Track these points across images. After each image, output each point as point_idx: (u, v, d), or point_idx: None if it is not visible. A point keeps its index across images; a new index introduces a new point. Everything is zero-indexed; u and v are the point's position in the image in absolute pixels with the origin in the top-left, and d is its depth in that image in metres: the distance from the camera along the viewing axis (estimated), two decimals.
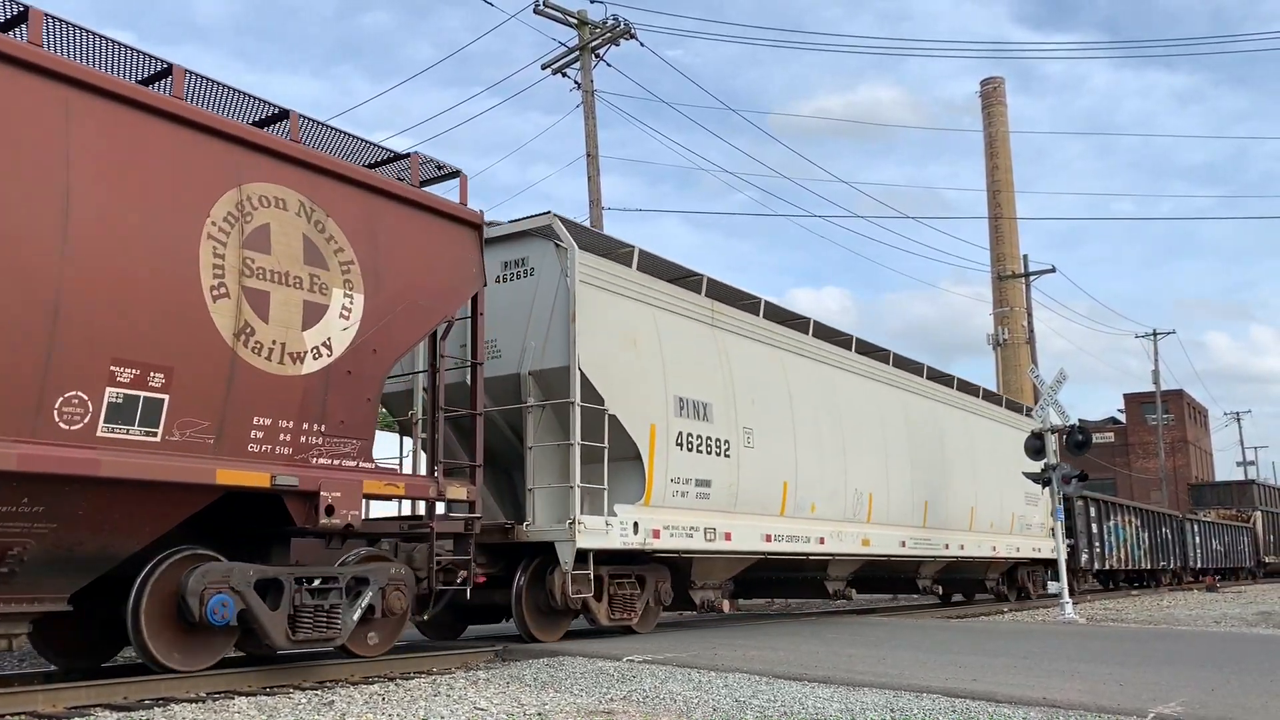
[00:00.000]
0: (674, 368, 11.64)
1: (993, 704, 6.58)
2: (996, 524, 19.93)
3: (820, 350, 15.08)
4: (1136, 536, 32.17)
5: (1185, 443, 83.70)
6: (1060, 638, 11.85)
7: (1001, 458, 20.66)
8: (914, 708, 6.45)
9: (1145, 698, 6.69)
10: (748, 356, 13.18)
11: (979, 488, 19.19)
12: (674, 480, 11.36)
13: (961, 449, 18.86)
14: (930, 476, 17.39)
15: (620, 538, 10.47)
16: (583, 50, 22.84)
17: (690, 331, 12.18)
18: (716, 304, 12.87)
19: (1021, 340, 55.17)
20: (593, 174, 22.24)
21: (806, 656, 9.16)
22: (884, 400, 16.48)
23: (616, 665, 8.48)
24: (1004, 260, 66.01)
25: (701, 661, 8.61)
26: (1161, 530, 34.98)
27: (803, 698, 6.87)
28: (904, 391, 17.30)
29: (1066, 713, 6.22)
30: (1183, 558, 37.89)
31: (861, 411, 15.67)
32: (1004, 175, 70.93)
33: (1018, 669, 8.35)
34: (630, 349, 11.05)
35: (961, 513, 18.46)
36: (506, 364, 10.75)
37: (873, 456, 15.67)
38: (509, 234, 10.96)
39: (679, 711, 6.35)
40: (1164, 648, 10.67)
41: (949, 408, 18.91)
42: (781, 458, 13.39)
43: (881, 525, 15.64)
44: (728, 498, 12.24)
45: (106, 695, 6.83)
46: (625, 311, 11.13)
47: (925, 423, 17.71)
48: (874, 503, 15.44)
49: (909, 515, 16.54)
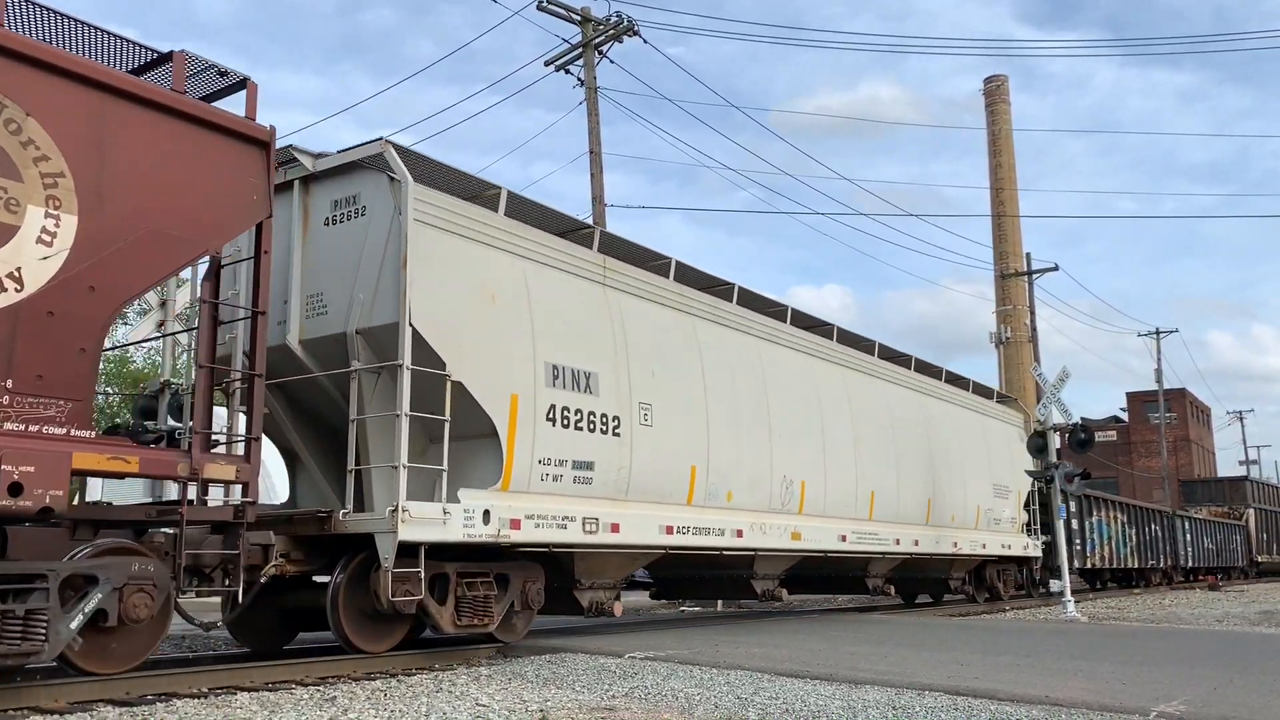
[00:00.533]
0: (548, 330, 9.91)
1: (995, 702, 6.54)
2: (960, 518, 18.14)
3: (746, 320, 13.32)
4: (1123, 534, 30.33)
5: (1188, 442, 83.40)
6: (1062, 636, 11.77)
7: (968, 447, 18.88)
8: (916, 705, 6.42)
9: (1148, 696, 6.66)
10: (649, 322, 11.44)
11: (938, 478, 17.41)
12: (543, 462, 9.63)
13: (918, 435, 17.07)
14: (879, 465, 15.62)
15: (464, 529, 8.74)
16: (586, 47, 22.78)
17: (573, 290, 10.44)
18: (611, 261, 11.12)
19: (1024, 338, 55.17)
20: (595, 171, 22.12)
21: (809, 654, 9.16)
22: (824, 379, 14.71)
23: (619, 662, 8.49)
24: (1007, 258, 65.75)
25: (703, 658, 8.59)
26: (1150, 527, 33.13)
27: (805, 695, 6.85)
28: (850, 370, 15.53)
29: (1069, 711, 6.18)
30: (1174, 556, 36.12)
31: (794, 390, 13.90)
32: (1007, 173, 70.75)
33: (1020, 667, 8.31)
34: (487, 305, 9.32)
35: (916, 505, 16.68)
36: (333, 321, 9.03)
37: (807, 440, 13.91)
38: (339, 166, 9.23)
39: (681, 708, 6.34)
40: (1166, 646, 10.58)
41: (905, 389, 17.12)
42: (689, 439, 11.65)
43: (816, 517, 13.88)
44: (616, 483, 10.51)
45: (109, 691, 6.76)
46: (483, 261, 9.40)
47: (874, 405, 15.93)
48: (807, 492, 13.68)
49: (852, 507, 14.77)
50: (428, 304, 8.68)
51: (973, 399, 19.92)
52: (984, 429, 19.91)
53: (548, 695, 6.88)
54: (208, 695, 6.93)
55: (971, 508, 18.64)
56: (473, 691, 7.02)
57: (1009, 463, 20.67)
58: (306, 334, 9.19)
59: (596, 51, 22.81)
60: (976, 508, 18.86)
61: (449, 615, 9.03)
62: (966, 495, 18.51)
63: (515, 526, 9.20)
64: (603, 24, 22.80)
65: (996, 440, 20.38)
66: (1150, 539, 32.84)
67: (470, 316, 9.11)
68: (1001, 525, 20.04)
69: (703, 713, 6.21)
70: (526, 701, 6.60)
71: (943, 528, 17.47)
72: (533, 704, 6.49)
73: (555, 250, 10.31)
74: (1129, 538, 30.78)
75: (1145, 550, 32.02)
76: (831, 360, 15.10)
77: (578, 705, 6.46)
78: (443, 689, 7.17)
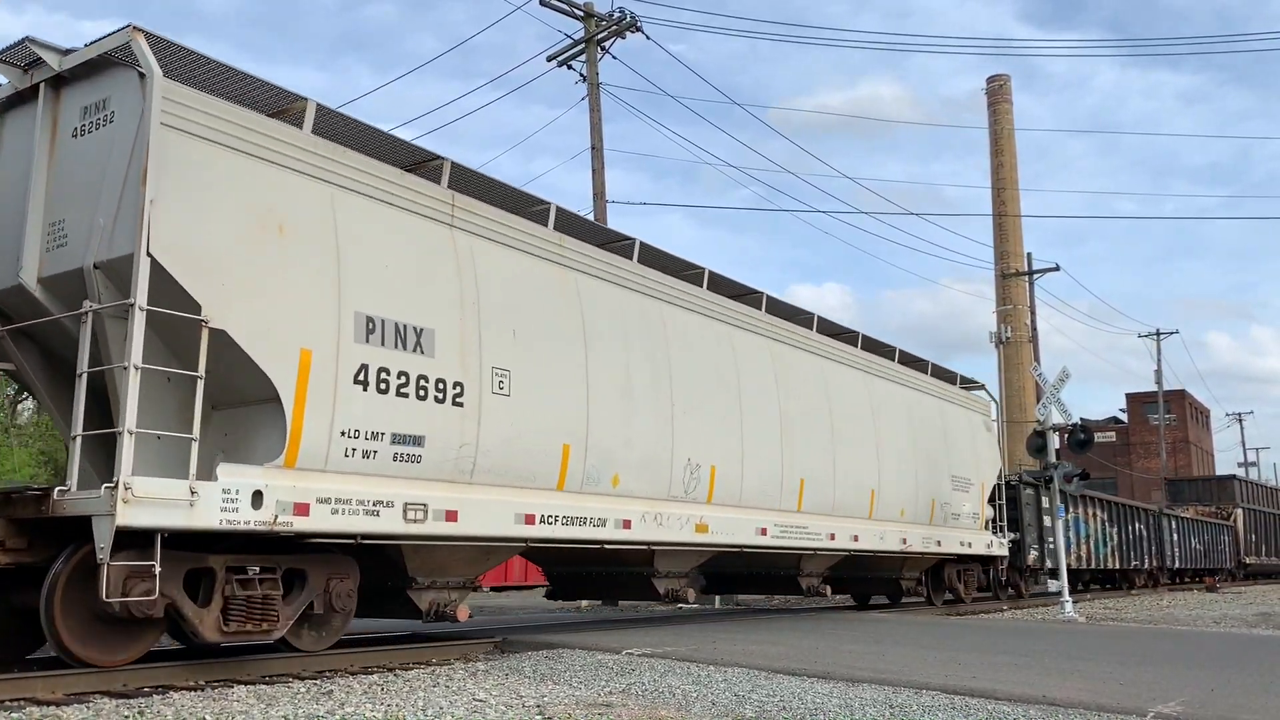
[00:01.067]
0: (364, 274, 8.14)
1: (992, 701, 6.54)
2: (911, 512, 16.33)
3: (648, 281, 11.55)
4: (1103, 532, 28.12)
5: (1187, 443, 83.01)
6: (1059, 636, 11.77)
7: (923, 434, 17.08)
8: (913, 704, 6.43)
9: (1145, 697, 6.69)
10: (514, 274, 9.68)
11: (885, 467, 15.59)
12: (349, 434, 7.86)
13: (861, 419, 15.27)
14: (812, 450, 13.82)
15: (221, 514, 6.97)
16: (588, 43, 22.68)
17: (406, 229, 8.67)
18: (465, 200, 9.35)
19: (1024, 338, 55.39)
20: (597, 167, 22.04)
21: (806, 652, 9.15)
22: (746, 352, 12.92)
23: (616, 658, 8.47)
24: (1008, 258, 65.60)
25: (701, 655, 8.58)
26: (1134, 526, 30.94)
27: (801, 693, 6.85)
28: (780, 344, 13.73)
29: (1066, 711, 6.20)
30: (1160, 557, 34.05)
31: (707, 363, 12.12)
32: (1009, 173, 70.77)
33: (1017, 667, 8.32)
34: (271, 238, 7.54)
35: (856, 496, 14.88)
36: (72, 253, 7.26)
37: (720, 420, 12.12)
38: (90, 65, 7.43)
39: (678, 705, 6.35)
40: (1164, 647, 10.61)
41: (847, 368, 15.31)
42: (562, 413, 9.88)
43: (730, 507, 12.10)
44: (458, 463, 8.75)
45: (106, 682, 6.81)
46: (271, 185, 7.61)
47: (809, 384, 14.13)
48: (718, 478, 11.90)
49: (775, 497, 12.99)
50: (176, 230, 6.91)
51: (931, 383, 18.10)
52: (943, 416, 18.05)
53: (545, 691, 6.85)
54: (205, 688, 6.91)
55: (925, 501, 16.84)
56: (470, 686, 7.01)
57: (971, 454, 18.90)
58: (46, 270, 7.44)
59: (599, 47, 22.70)
60: (931, 501, 17.04)
61: (213, 620, 7.28)
62: (920, 487, 16.70)
63: (302, 512, 7.44)
64: (605, 19, 22.69)
65: (957, 429, 18.51)
66: (1134, 538, 30.80)
67: (243, 250, 7.33)
68: (961, 521, 18.17)
69: (700, 710, 6.19)
70: (524, 697, 6.57)
71: (889, 522, 15.66)
72: (530, 700, 6.47)
73: (383, 180, 8.54)
74: (1110, 537, 28.73)
75: (1128, 550, 30.06)
76: (757, 332, 13.31)
77: (575, 701, 6.42)
78: (440, 683, 7.16)
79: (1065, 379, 18.71)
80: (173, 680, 7.09)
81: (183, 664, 7.42)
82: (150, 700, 6.28)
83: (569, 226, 10.75)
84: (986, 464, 19.51)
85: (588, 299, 10.49)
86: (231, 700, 6.32)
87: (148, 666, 7.13)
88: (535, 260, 9.99)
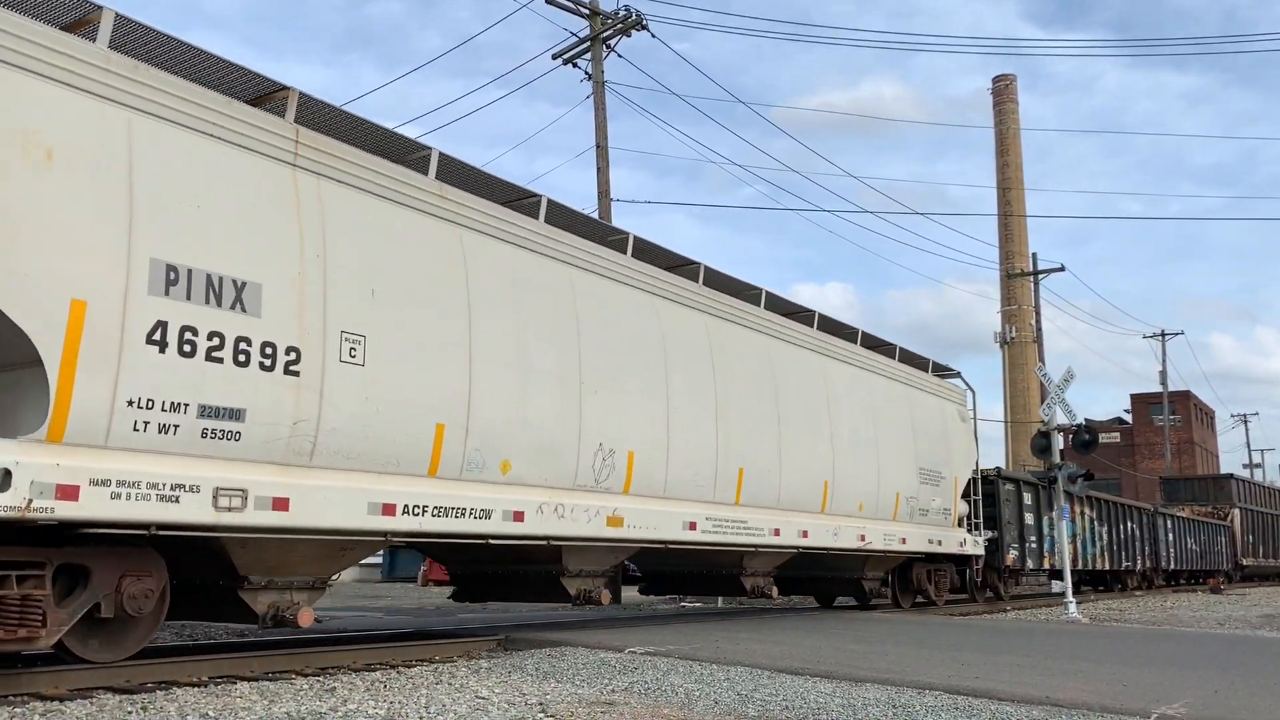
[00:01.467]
0: (163, 214, 6.82)
1: (995, 702, 6.50)
2: (871, 506, 14.97)
3: (555, 243, 10.25)
4: (1091, 531, 26.52)
5: (1191, 444, 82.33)
6: (1063, 637, 11.80)
7: (887, 423, 15.74)
8: (916, 704, 6.39)
9: (1149, 698, 6.66)
10: (376, 225, 8.36)
11: (841, 457, 14.23)
12: (140, 404, 6.54)
13: (814, 405, 13.91)
14: (753, 436, 12.48)
15: None
16: (594, 41, 22.76)
17: (229, 165, 7.35)
18: (313, 136, 8.03)
19: (1029, 338, 54.65)
20: (602, 165, 22.02)
21: (809, 651, 9.14)
22: (675, 325, 11.60)
23: (619, 656, 8.47)
24: (1013, 258, 65.52)
25: (704, 654, 8.58)
26: (1125, 525, 29.29)
27: (804, 692, 6.81)
28: (718, 319, 12.42)
29: (1070, 712, 6.16)
30: (1154, 557, 32.30)
31: (626, 336, 10.81)
32: (1014, 173, 70.59)
33: (1021, 667, 8.34)
34: (33, 165, 6.23)
35: (807, 489, 13.53)
36: None
37: (639, 400, 10.80)
38: None
39: (680, 704, 6.30)
40: (1168, 649, 10.64)
41: (797, 349, 13.94)
42: (435, 386, 8.56)
43: (651, 499, 10.79)
44: (291, 442, 7.43)
45: (109, 678, 6.74)
46: (31, 101, 6.31)
47: (751, 364, 12.80)
48: (636, 466, 10.58)
49: (708, 488, 11.66)
50: None
51: (897, 368, 16.73)
52: (910, 403, 16.69)
53: (547, 689, 6.83)
54: (208, 684, 6.90)
55: (888, 495, 15.52)
56: (472, 684, 6.98)
57: (943, 445, 17.50)
58: None
59: (604, 45, 22.75)
60: (895, 495, 15.70)
61: None
62: (883, 480, 15.34)
63: (68, 496, 6.13)
64: (611, 18, 22.69)
65: (927, 417, 17.14)
66: (1125, 538, 29.16)
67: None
68: (930, 517, 16.79)
69: (702, 709, 6.18)
70: (526, 695, 6.55)
71: (846, 517, 14.29)
72: (532, 697, 6.44)
73: (200, 108, 7.23)
74: (1099, 536, 27.14)
75: (1120, 550, 28.57)
76: (690, 305, 11.99)
77: (577, 699, 6.40)
78: (442, 681, 7.13)
79: (1070, 379, 18.58)
80: (176, 676, 7.05)
81: (186, 660, 7.39)
82: (153, 696, 6.25)
83: (456, 177, 9.46)
84: (960, 457, 18.11)
85: (475, 259, 9.18)
86: (234, 696, 6.29)
87: (150, 662, 7.14)
88: (407, 212, 8.67)
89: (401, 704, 6.10)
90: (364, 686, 6.85)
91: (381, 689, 6.73)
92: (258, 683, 6.98)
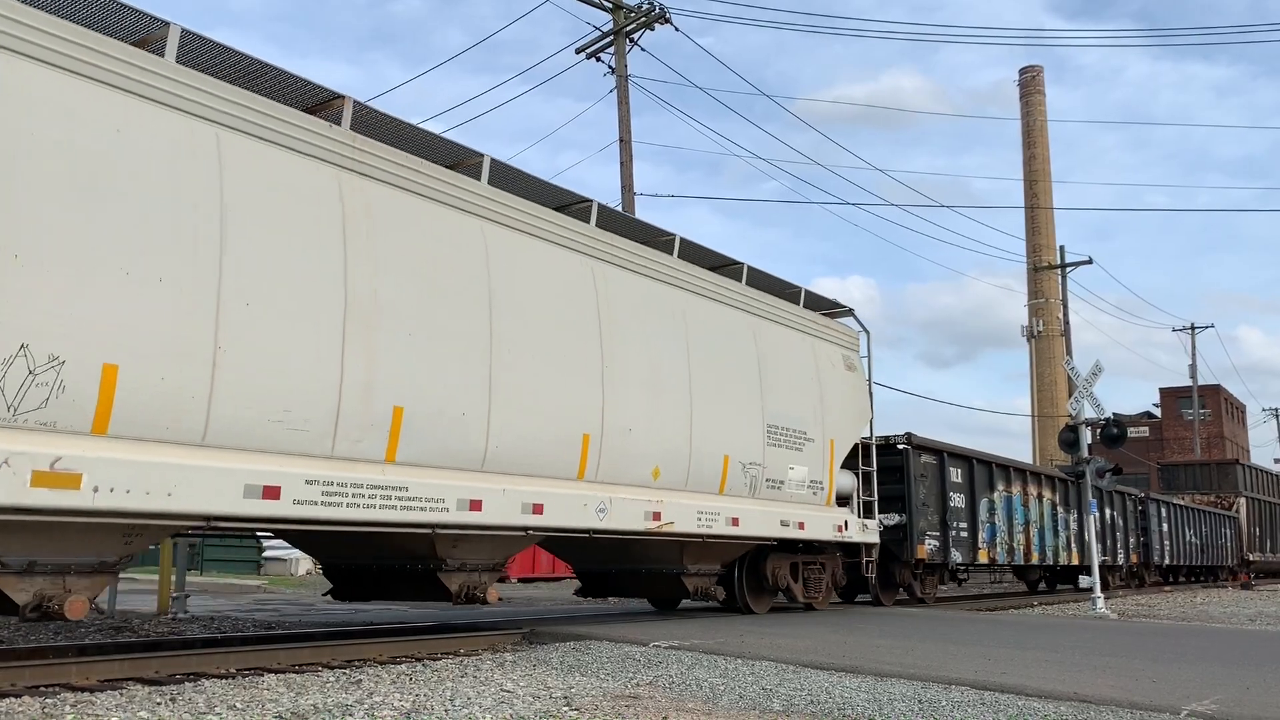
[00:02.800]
0: None
1: (1022, 697, 6.46)
2: (674, 473, 10.92)
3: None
4: (1051, 517, 21.97)
5: (1222, 438, 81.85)
6: (1091, 632, 11.71)
7: (712, 361, 11.69)
8: (942, 699, 6.38)
9: (1178, 695, 6.60)
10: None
11: (619, 402, 10.24)
12: None
13: (569, 325, 9.90)
14: (423, 364, 8.38)
15: None
16: (618, 35, 22.91)
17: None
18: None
19: (1056, 332, 54.63)
20: (625, 159, 22.07)
21: (834, 646, 9.13)
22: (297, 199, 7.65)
23: (643, 650, 8.49)
24: (1040, 251, 65.07)
25: (729, 649, 8.59)
26: (1105, 513, 24.72)
27: (830, 687, 6.79)
28: (384, 186, 8.39)
29: (1098, 708, 6.13)
30: (1144, 551, 27.55)
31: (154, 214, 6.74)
32: (1042, 165, 70.40)
33: (1048, 663, 8.28)
34: None
35: (547, 444, 9.46)
36: None
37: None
38: None
39: (705, 698, 6.30)
40: (1197, 645, 10.53)
41: (538, 242, 9.74)
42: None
43: (223, 450, 6.98)
44: None
45: (139, 669, 6.93)
46: None
47: (427, 257, 8.59)
48: None
49: (327, 434, 7.61)
50: None
51: (741, 292, 12.61)
52: (756, 337, 12.56)
53: (572, 682, 6.87)
54: (235, 676, 7.01)
55: (709, 458, 11.35)
56: (497, 677, 7.00)
57: (813, 397, 13.28)
58: None
59: (628, 39, 22.93)
60: (723, 459, 11.52)
61: None
62: (696, 438, 11.17)
63: None
64: (635, 11, 22.83)
65: (787, 359, 13.02)
66: (1104, 527, 24.36)
67: None
68: (787, 491, 12.60)
69: (727, 703, 6.18)
70: (551, 688, 6.56)
71: (626, 486, 10.29)
72: (557, 690, 6.47)
73: None
74: (1065, 524, 22.55)
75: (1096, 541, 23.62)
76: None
77: (602, 693, 6.43)
78: (468, 674, 7.17)
79: (1098, 373, 18.26)
80: (204, 668, 7.20)
81: (214, 652, 7.53)
82: (182, 688, 6.30)
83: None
84: (842, 414, 13.86)
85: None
86: (261, 688, 6.33)
87: (179, 654, 7.33)
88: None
89: (427, 696, 6.11)
90: (390, 679, 6.87)
91: (407, 681, 6.76)
92: (284, 675, 7.05)
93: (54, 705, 5.56)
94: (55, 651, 8.06)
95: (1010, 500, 20.22)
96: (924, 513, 17.05)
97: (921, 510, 17.00)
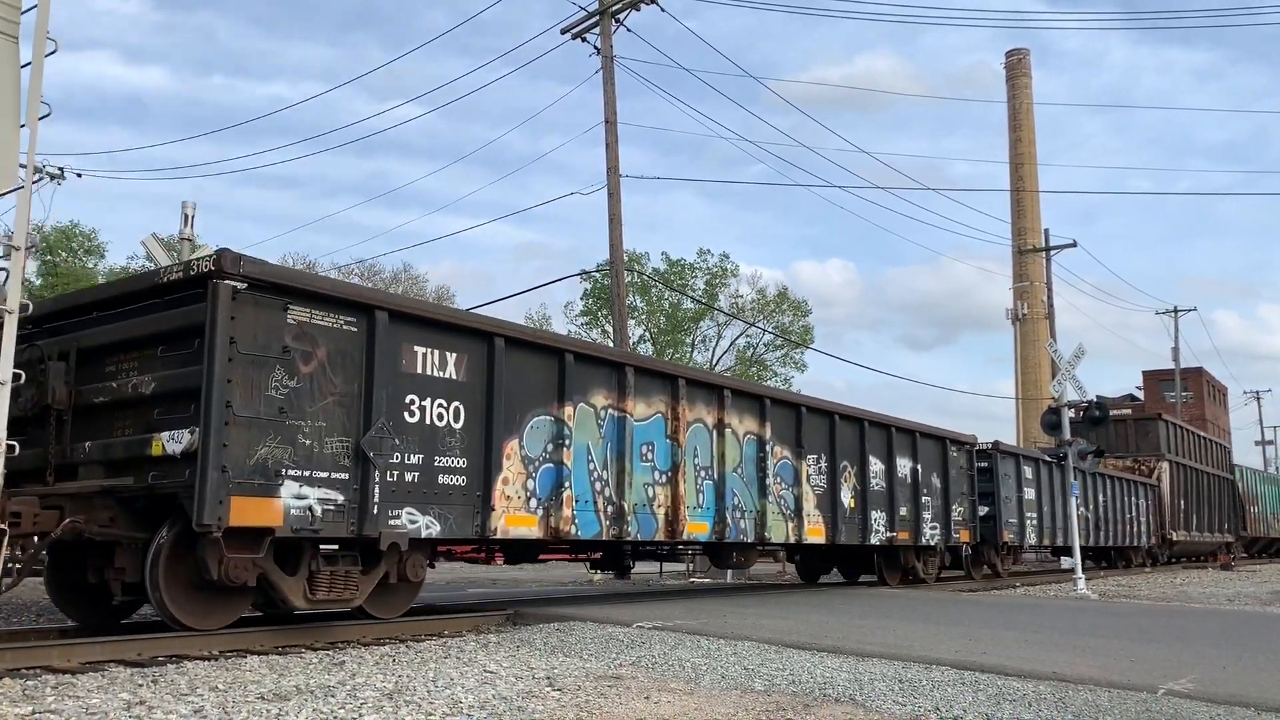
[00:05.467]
0: None
1: (1002, 676, 6.55)
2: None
3: None
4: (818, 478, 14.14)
5: (1204, 420, 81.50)
6: (1072, 613, 11.92)
7: None
8: (923, 679, 6.42)
9: (1157, 674, 6.69)
10: None
11: None
12: None
13: None
14: None
15: None
16: (603, 15, 22.81)
17: None
18: None
19: (1041, 315, 54.13)
20: (611, 141, 22.02)
21: (816, 626, 9.17)
22: None
23: (626, 631, 8.53)
24: (1025, 234, 65.11)
25: (711, 629, 8.63)
26: (930, 478, 16.89)
27: (811, 667, 6.84)
28: None
29: (1077, 687, 6.21)
30: (993, 529, 19.19)
31: None
32: (1027, 148, 70.29)
33: (1029, 643, 8.38)
34: None
35: None
36: None
37: None
38: None
39: (687, 678, 6.34)
40: (1176, 625, 10.68)
41: None
42: None
43: None
44: None
45: (121, 651, 6.94)
46: None
47: None
48: None
49: None
50: None
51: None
52: None
53: (555, 663, 6.89)
54: (218, 658, 7.01)
55: None
56: (481, 658, 7.03)
57: None
58: None
59: (614, 20, 22.79)
60: None
61: None
62: None
63: None
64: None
65: None
66: (902, 494, 15.97)
67: None
68: None
69: (709, 683, 6.22)
70: (534, 669, 6.59)
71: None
72: (540, 671, 6.49)
73: None
74: (862, 490, 14.96)
75: (890, 515, 15.72)
76: None
77: (584, 673, 6.45)
78: (451, 655, 7.21)
79: (1081, 355, 18.48)
80: (186, 650, 7.21)
81: (196, 635, 7.51)
82: (164, 669, 6.30)
83: None
84: None
85: None
86: (244, 670, 6.33)
87: (159, 636, 7.30)
88: None
89: (410, 678, 6.11)
90: (373, 660, 6.86)
91: (390, 663, 6.76)
92: (267, 657, 7.03)
93: (35, 687, 5.53)
94: (37, 634, 8.02)
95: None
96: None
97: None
